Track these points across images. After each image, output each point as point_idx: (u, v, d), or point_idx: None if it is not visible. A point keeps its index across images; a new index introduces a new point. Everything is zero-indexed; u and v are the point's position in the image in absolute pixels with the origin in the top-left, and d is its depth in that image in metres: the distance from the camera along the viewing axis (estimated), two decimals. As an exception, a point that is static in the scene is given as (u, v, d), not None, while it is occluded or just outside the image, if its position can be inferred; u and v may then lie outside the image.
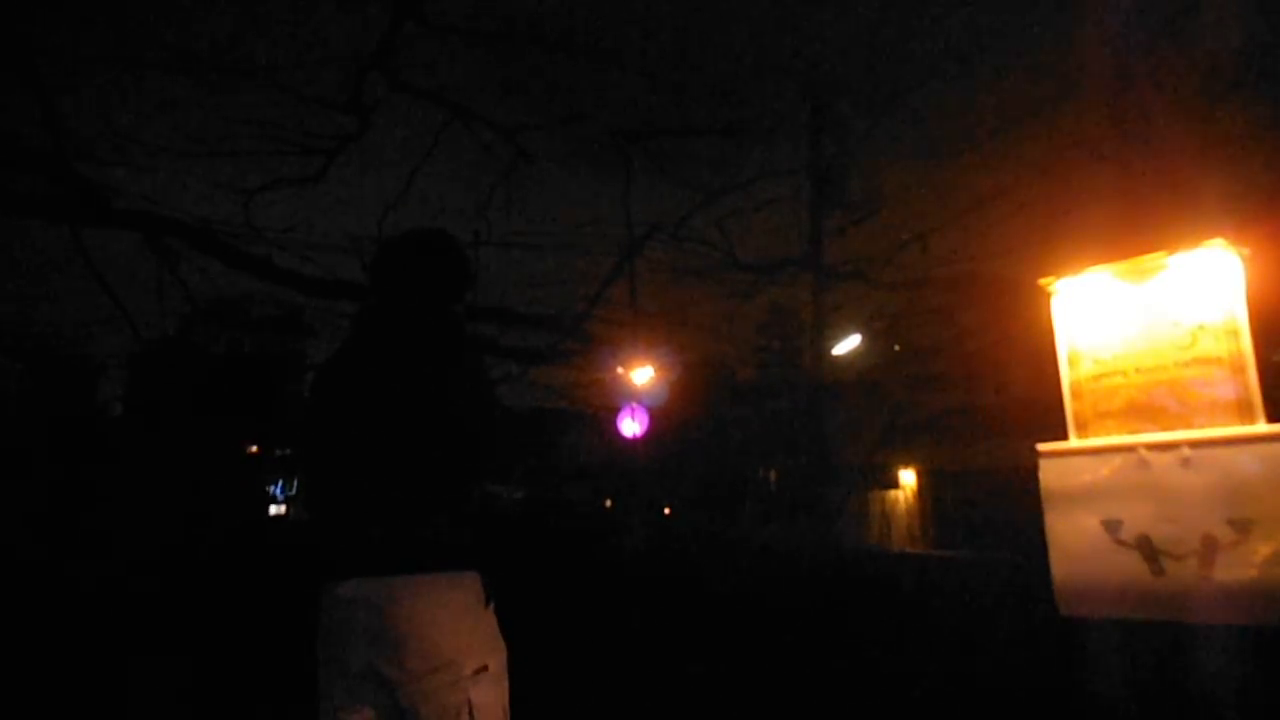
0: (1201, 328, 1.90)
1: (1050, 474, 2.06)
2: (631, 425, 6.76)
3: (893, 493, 21.06)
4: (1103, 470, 1.96)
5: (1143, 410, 1.96)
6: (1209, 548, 1.76)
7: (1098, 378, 2.06)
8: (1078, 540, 1.97)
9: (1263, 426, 1.78)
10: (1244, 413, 1.81)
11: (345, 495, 1.59)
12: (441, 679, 1.45)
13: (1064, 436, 2.08)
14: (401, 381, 1.61)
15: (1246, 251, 1.90)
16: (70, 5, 5.18)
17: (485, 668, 1.51)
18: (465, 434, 1.60)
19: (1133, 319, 2.03)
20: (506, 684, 1.57)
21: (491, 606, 1.59)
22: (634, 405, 6.77)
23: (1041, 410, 2.47)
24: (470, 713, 1.46)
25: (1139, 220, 3.87)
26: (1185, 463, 1.83)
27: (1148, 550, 1.85)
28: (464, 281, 1.84)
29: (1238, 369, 1.83)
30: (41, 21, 4.85)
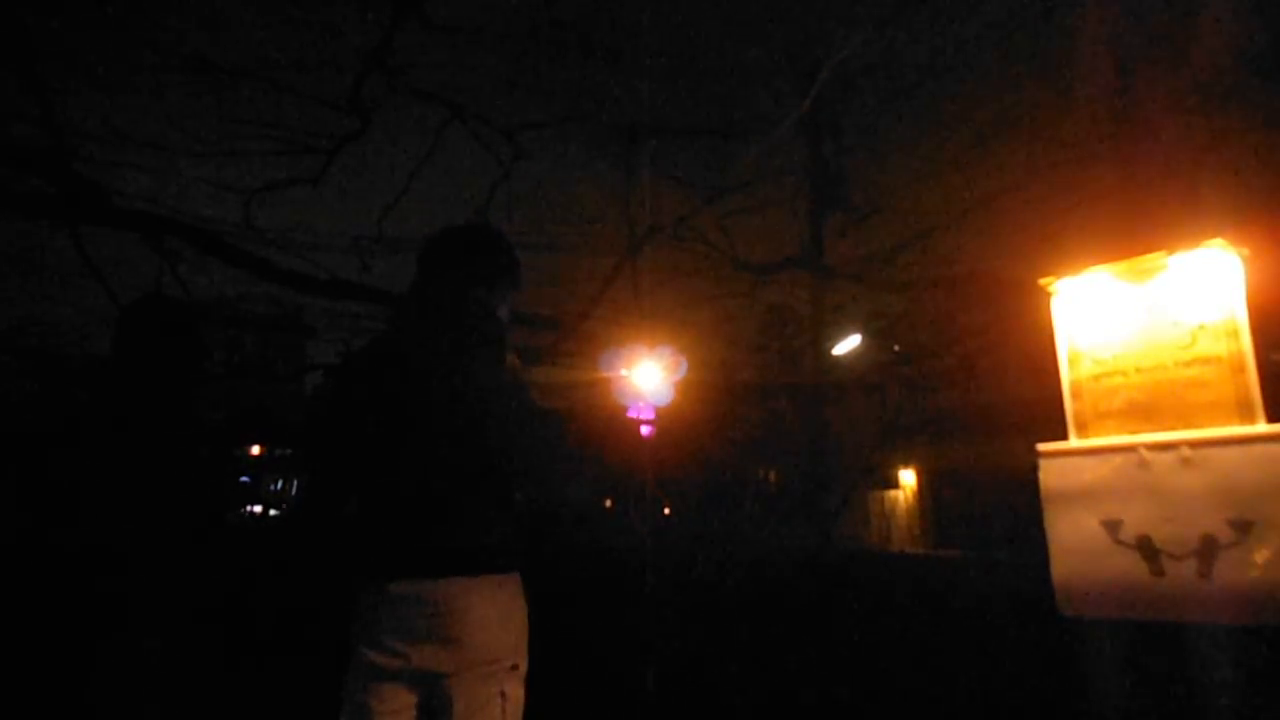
0: (1201, 328, 1.90)
1: (1050, 474, 2.06)
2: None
3: (893, 493, 21.05)
4: (1103, 470, 1.96)
5: (1143, 410, 1.96)
6: (1209, 548, 1.76)
7: (1098, 378, 2.06)
8: (1078, 540, 1.97)
9: (1263, 426, 1.78)
10: (1244, 413, 1.81)
11: (387, 493, 1.57)
12: (480, 672, 1.50)
13: (1064, 436, 2.08)
14: (458, 381, 1.60)
15: (1246, 251, 1.90)
16: (70, 4, 5.18)
17: (516, 666, 1.57)
18: (512, 434, 1.61)
19: (1133, 319, 2.03)
20: (523, 687, 1.60)
21: (526, 608, 1.62)
22: (640, 405, 6.76)
23: (1041, 410, 2.47)
24: (502, 704, 1.51)
25: (1139, 220, 3.87)
26: (1185, 463, 1.84)
27: (1148, 550, 1.85)
28: (515, 281, 1.79)
29: (1238, 369, 1.84)
30: (41, 20, 4.85)
